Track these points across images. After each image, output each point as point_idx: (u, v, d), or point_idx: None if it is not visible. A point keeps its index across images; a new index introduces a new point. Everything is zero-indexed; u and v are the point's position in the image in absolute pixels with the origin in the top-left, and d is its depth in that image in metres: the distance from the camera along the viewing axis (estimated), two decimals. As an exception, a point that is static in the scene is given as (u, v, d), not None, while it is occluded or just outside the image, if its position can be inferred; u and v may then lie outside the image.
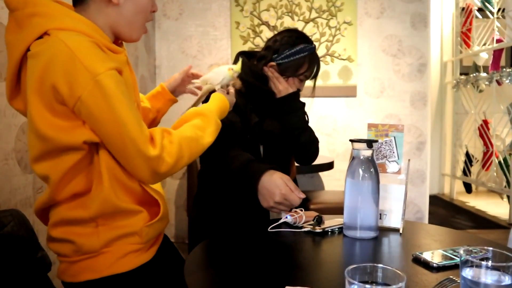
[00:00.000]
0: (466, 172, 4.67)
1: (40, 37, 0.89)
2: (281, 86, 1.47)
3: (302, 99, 1.55)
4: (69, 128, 0.90)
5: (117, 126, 0.88)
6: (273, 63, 1.48)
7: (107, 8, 0.98)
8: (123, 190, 0.98)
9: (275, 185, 1.17)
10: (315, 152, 1.59)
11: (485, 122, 4.33)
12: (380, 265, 0.61)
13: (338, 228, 1.12)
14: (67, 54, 0.84)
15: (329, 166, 2.68)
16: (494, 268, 0.65)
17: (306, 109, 1.54)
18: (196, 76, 1.34)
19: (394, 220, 1.14)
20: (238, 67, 1.24)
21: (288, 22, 3.26)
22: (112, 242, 0.97)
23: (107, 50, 0.94)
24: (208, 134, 1.04)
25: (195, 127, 1.03)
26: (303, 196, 1.18)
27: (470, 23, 4.55)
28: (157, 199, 1.02)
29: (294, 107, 1.49)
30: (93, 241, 0.96)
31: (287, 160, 1.58)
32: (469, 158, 4.62)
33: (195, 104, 1.27)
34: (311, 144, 1.54)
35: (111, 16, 0.99)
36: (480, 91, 4.48)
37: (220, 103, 1.15)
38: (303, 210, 1.18)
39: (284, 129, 1.49)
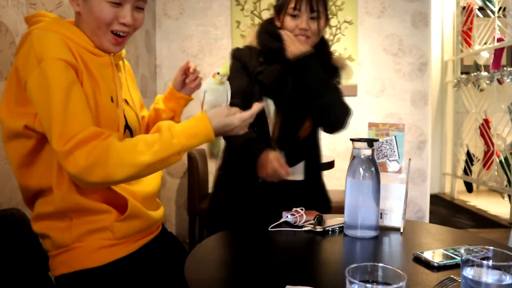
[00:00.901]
0: (467, 171, 4.67)
1: None
2: (293, 47, 1.40)
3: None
4: (18, 114, 0.96)
5: (46, 114, 0.90)
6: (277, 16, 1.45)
7: (78, 18, 1.05)
8: (86, 190, 0.99)
9: (268, 160, 1.33)
10: (335, 120, 1.51)
11: (486, 121, 4.32)
12: (380, 264, 0.61)
13: (338, 227, 1.12)
14: (30, 44, 0.93)
15: (329, 165, 2.67)
16: (495, 267, 0.65)
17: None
18: (192, 69, 1.32)
19: (394, 219, 1.14)
20: (224, 68, 1.07)
21: (288, 21, 3.26)
22: (84, 237, 1.00)
23: (82, 50, 0.99)
24: (150, 152, 0.93)
25: (144, 140, 0.95)
26: (289, 171, 1.33)
27: (471, 22, 4.55)
28: (124, 196, 1.02)
29: (305, 69, 1.41)
30: (65, 235, 1.00)
31: (301, 117, 1.51)
32: (470, 157, 4.61)
33: None
34: (329, 110, 1.47)
35: (81, 25, 1.04)
36: (481, 90, 4.47)
37: (192, 125, 0.99)
38: (304, 209, 1.18)
39: (298, 90, 1.43)
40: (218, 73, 1.06)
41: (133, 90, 1.23)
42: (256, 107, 1.06)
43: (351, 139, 1.09)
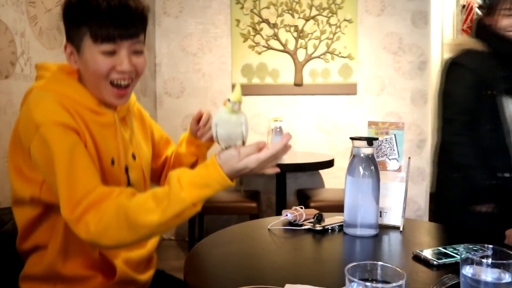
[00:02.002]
0: (466, 169, 4.67)
1: None
2: None
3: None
4: (27, 180, 0.94)
5: (52, 180, 0.88)
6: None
7: (80, 73, 1.01)
8: (76, 255, 0.97)
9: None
10: None
11: (486, 119, 4.32)
12: (380, 262, 0.61)
13: (338, 226, 1.12)
14: (27, 109, 0.91)
15: (329, 164, 2.68)
16: (494, 265, 0.65)
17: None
18: (203, 119, 1.20)
19: (394, 218, 1.14)
20: (236, 94, 0.90)
21: (288, 20, 3.26)
22: None
23: (82, 109, 0.95)
24: (159, 210, 0.84)
25: (154, 196, 0.87)
26: None
27: (471, 21, 4.55)
28: (114, 263, 1.00)
29: None
30: None
31: None
32: (469, 156, 4.61)
33: None
34: None
35: (83, 80, 1.00)
36: (481, 88, 4.47)
37: (203, 174, 0.88)
38: (303, 208, 1.18)
39: None
40: (229, 100, 0.90)
41: (142, 140, 1.17)
42: (277, 145, 0.88)
43: (350, 138, 1.09)
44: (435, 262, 0.87)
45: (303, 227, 1.13)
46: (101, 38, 0.92)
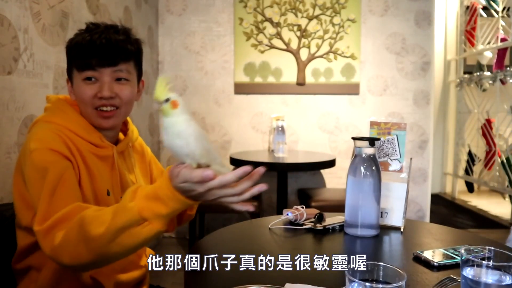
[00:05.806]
0: (468, 171, 4.66)
1: None
2: None
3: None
4: (27, 205, 0.95)
5: (37, 200, 0.88)
6: None
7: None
8: (68, 279, 0.97)
9: None
10: None
11: (488, 121, 4.31)
12: (380, 263, 0.61)
13: (339, 225, 1.12)
14: (28, 138, 0.95)
15: (330, 163, 2.67)
16: (495, 267, 0.65)
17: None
18: None
19: (395, 218, 1.14)
20: (156, 91, 0.76)
21: (291, 19, 3.25)
22: None
23: (81, 141, 0.98)
24: (108, 221, 0.77)
25: (113, 208, 0.81)
26: None
27: (475, 22, 4.53)
28: (105, 287, 0.99)
29: None
30: None
31: None
32: (471, 157, 4.61)
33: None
34: None
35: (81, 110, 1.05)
36: (484, 90, 4.46)
37: (156, 186, 0.79)
38: (304, 207, 1.18)
39: None
40: (165, 101, 0.76)
41: (141, 175, 1.18)
42: (231, 174, 0.75)
43: (352, 138, 1.08)
44: (435, 263, 0.86)
45: (303, 227, 1.12)
46: (82, 66, 1.00)
